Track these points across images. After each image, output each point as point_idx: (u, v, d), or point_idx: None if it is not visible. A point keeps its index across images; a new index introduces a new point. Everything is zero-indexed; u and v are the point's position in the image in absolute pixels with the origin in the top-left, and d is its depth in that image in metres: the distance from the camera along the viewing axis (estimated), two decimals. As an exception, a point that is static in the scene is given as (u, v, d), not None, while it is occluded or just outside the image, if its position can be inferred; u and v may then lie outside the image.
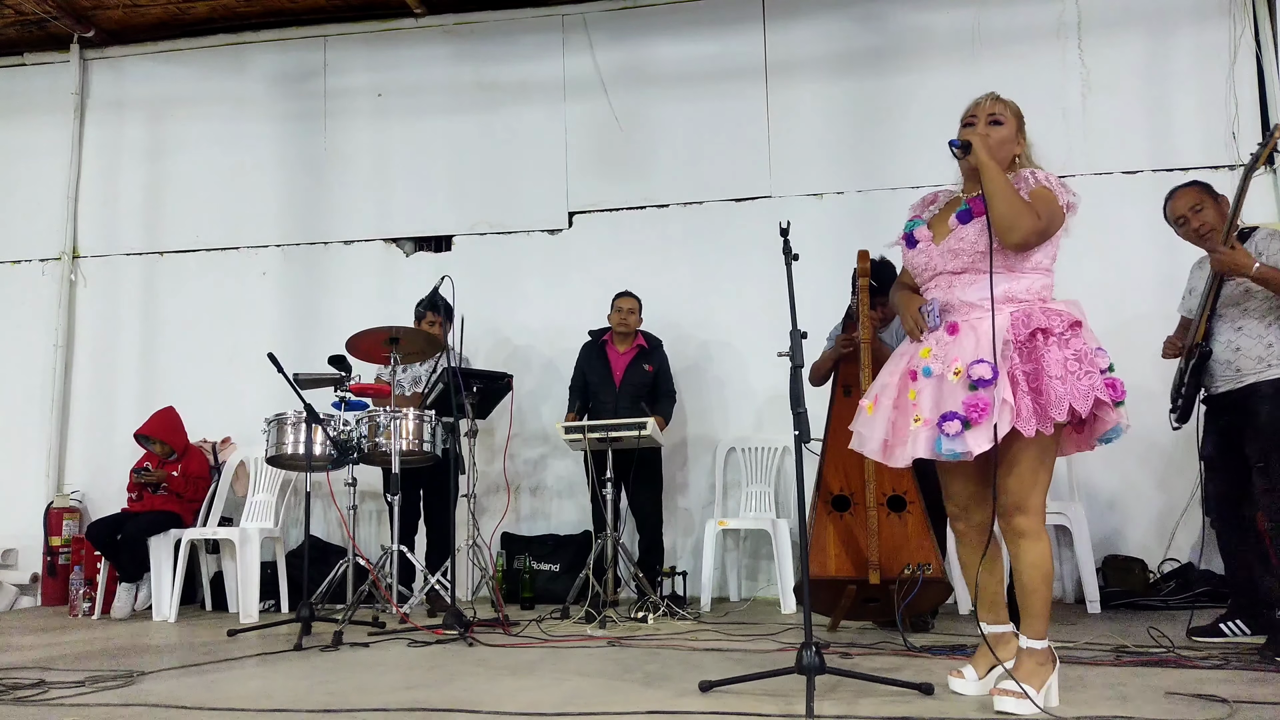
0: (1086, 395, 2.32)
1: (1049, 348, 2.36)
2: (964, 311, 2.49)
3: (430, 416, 4.67)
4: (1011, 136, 2.59)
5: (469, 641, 3.70)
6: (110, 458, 6.14)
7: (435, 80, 6.34)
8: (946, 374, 2.42)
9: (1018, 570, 2.44)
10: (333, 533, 5.89)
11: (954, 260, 2.52)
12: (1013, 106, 2.64)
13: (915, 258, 2.63)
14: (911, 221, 2.70)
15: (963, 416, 2.35)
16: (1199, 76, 5.40)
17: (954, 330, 2.48)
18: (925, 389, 2.46)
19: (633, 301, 5.22)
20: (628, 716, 2.40)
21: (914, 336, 2.61)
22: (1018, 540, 2.43)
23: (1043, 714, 2.31)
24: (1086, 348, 2.38)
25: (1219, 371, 3.42)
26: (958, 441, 2.35)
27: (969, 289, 2.49)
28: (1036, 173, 2.53)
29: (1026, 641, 2.43)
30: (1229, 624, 3.51)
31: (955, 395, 2.39)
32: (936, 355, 2.48)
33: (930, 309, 2.55)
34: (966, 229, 2.50)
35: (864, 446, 2.61)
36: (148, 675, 3.16)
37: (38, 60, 6.78)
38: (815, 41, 5.91)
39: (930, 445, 2.40)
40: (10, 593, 6.00)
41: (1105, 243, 5.23)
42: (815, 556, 3.85)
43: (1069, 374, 2.33)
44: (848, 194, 5.73)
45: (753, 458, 5.49)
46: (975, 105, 2.64)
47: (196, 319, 6.37)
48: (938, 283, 2.56)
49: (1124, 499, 5.18)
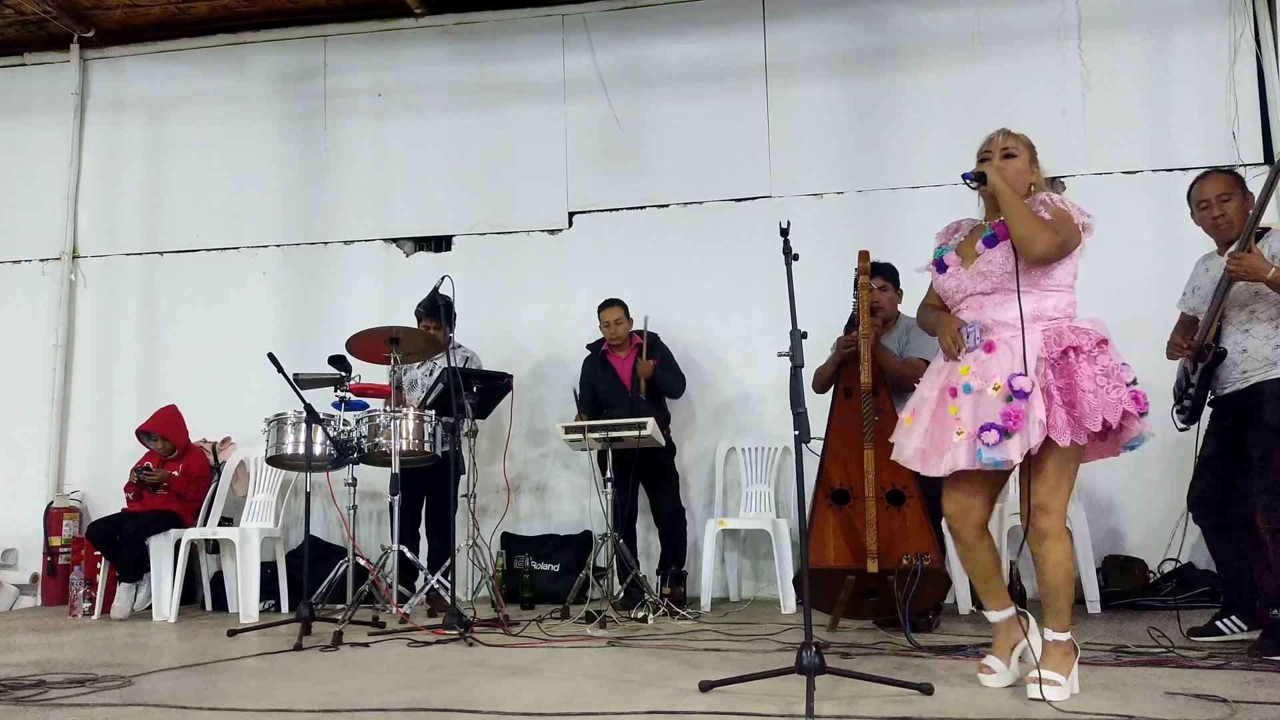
0: (1116, 408, 2.51)
1: (1080, 364, 2.54)
2: (998, 330, 2.66)
3: (430, 416, 4.67)
4: (1025, 167, 2.75)
5: (469, 641, 3.70)
6: (110, 458, 6.14)
7: (435, 80, 6.34)
8: (986, 389, 2.59)
9: (1042, 570, 2.60)
10: (333, 533, 5.89)
11: (984, 282, 2.69)
12: (1024, 139, 2.79)
13: (946, 282, 2.81)
14: (940, 249, 2.88)
15: (1001, 427, 2.51)
16: (1199, 76, 5.39)
17: (990, 349, 2.65)
18: (966, 404, 2.62)
19: (616, 311, 5.20)
20: (628, 716, 2.40)
21: (950, 355, 2.74)
22: (1041, 540, 2.59)
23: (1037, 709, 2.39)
24: (1114, 364, 2.57)
25: (1227, 374, 3.42)
26: (997, 450, 2.52)
27: (1000, 309, 2.67)
28: (1052, 196, 2.70)
29: (1052, 634, 2.59)
30: (1225, 621, 3.52)
31: (994, 408, 2.56)
32: (975, 372, 2.64)
33: (971, 330, 2.70)
34: (993, 252, 2.69)
35: (901, 455, 2.77)
36: (148, 675, 3.15)
37: (38, 60, 6.78)
38: (815, 41, 5.91)
39: (971, 456, 2.57)
40: (10, 593, 6.00)
41: (1105, 243, 5.21)
42: (815, 547, 3.89)
43: (1099, 388, 2.52)
44: (848, 194, 5.73)
45: (753, 458, 5.49)
46: (989, 141, 2.80)
47: (196, 319, 6.37)
48: (969, 304, 2.74)
49: (1124, 499, 5.18)
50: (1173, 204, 5.24)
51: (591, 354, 5.35)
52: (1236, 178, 3.54)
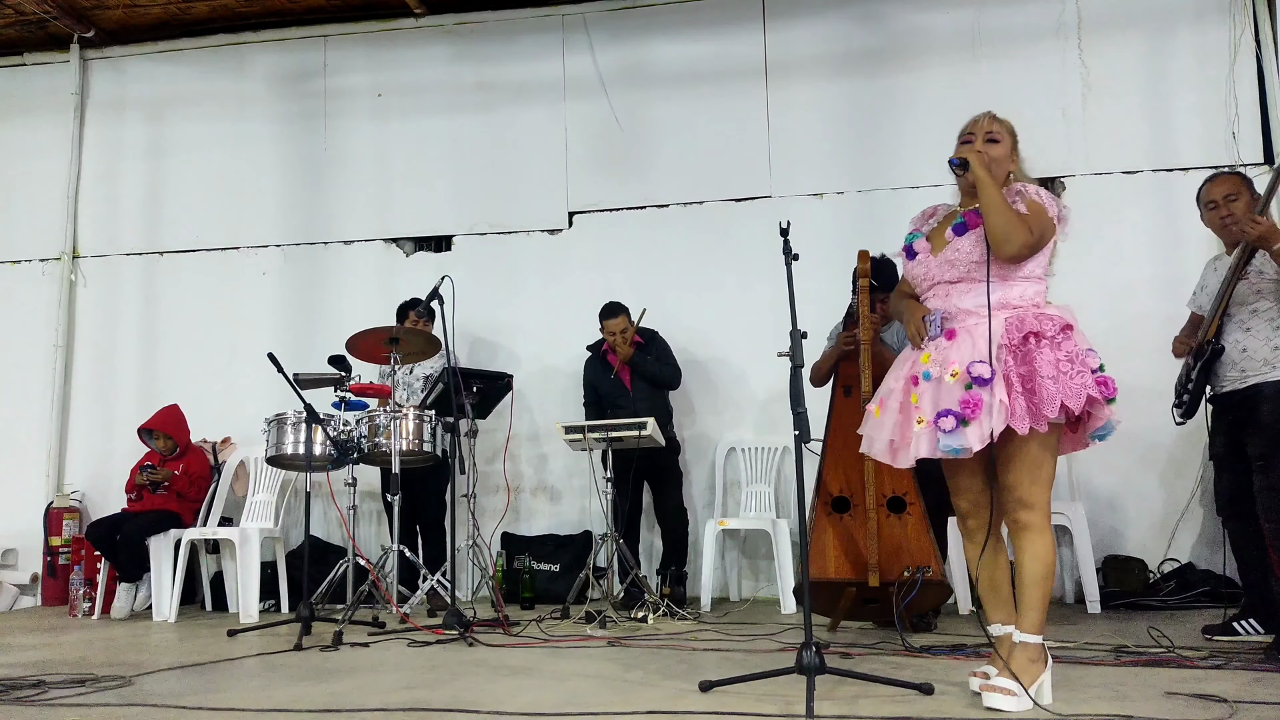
0: (1079, 393, 2.42)
1: (1041, 350, 2.46)
2: (961, 318, 2.60)
3: (430, 416, 4.68)
4: (1007, 154, 2.70)
5: (469, 641, 3.70)
6: (110, 458, 6.14)
7: (435, 80, 6.34)
8: (944, 376, 2.53)
9: (1020, 562, 2.53)
10: (333, 533, 5.89)
11: (950, 270, 2.63)
12: (1008, 125, 2.74)
13: (914, 269, 2.74)
14: (911, 235, 2.82)
15: (958, 413, 2.45)
16: (1199, 76, 5.39)
17: (951, 336, 2.59)
18: (925, 392, 2.56)
19: (620, 320, 5.15)
20: (628, 716, 2.40)
21: (915, 344, 2.70)
22: (1020, 534, 2.53)
23: (1034, 710, 2.34)
24: (1078, 349, 2.48)
25: (1225, 372, 3.43)
26: (955, 437, 2.46)
27: (965, 297, 2.60)
28: (1028, 187, 2.64)
29: (1020, 635, 2.50)
30: (1242, 623, 3.52)
31: (952, 394, 2.49)
32: (935, 360, 2.59)
33: (933, 319, 2.65)
34: (962, 241, 2.62)
35: (871, 449, 2.72)
36: (148, 675, 3.16)
37: (38, 60, 6.78)
38: (815, 41, 5.91)
39: (932, 445, 2.51)
40: (10, 593, 5.99)
41: (1105, 243, 5.23)
42: (815, 559, 3.85)
43: (1061, 374, 2.43)
44: (848, 194, 5.73)
45: (753, 458, 5.49)
46: (973, 123, 2.74)
47: (196, 319, 6.36)
48: (935, 292, 2.68)
49: (1124, 499, 5.18)
50: (1173, 204, 5.26)
51: (592, 355, 5.35)
52: (1244, 178, 3.58)
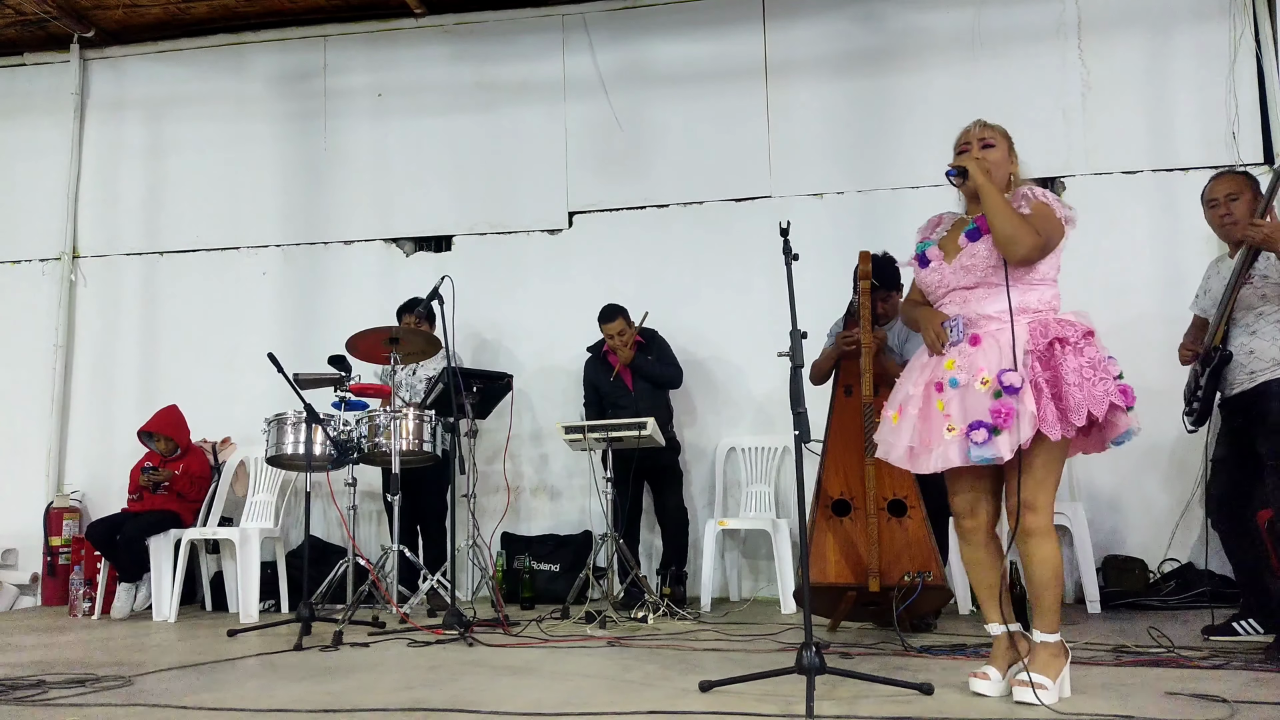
0: (1102, 401, 2.46)
1: (1066, 356, 2.50)
2: (983, 324, 2.62)
3: (430, 416, 4.67)
4: (1004, 157, 2.72)
5: (469, 641, 3.70)
6: (110, 458, 6.14)
7: (435, 80, 6.34)
8: (973, 384, 2.55)
9: (1029, 568, 2.56)
10: (333, 533, 5.89)
11: (967, 276, 2.65)
12: (1000, 129, 2.77)
13: (929, 276, 2.76)
14: (922, 243, 2.84)
15: (989, 424, 2.47)
16: (1199, 76, 5.39)
17: (976, 342, 2.61)
18: (953, 399, 2.58)
19: (618, 323, 5.14)
20: (628, 716, 2.40)
21: (934, 350, 2.70)
22: (1027, 539, 2.55)
23: (1036, 709, 2.37)
24: (1100, 356, 2.52)
25: (1234, 375, 3.42)
26: (987, 448, 2.48)
27: (984, 303, 2.62)
28: (1034, 189, 2.66)
29: (1040, 636, 2.55)
30: (1242, 623, 3.52)
31: (982, 404, 2.51)
32: (961, 366, 2.59)
33: (954, 324, 2.66)
34: (977, 246, 2.65)
35: (889, 454, 2.72)
36: (148, 675, 3.16)
37: (38, 60, 6.78)
38: (815, 41, 5.91)
39: (963, 454, 2.52)
40: (10, 593, 6.00)
41: (1106, 243, 5.23)
42: (815, 564, 3.84)
43: (1085, 380, 2.47)
44: (848, 194, 5.73)
45: (753, 458, 5.49)
46: (965, 132, 2.79)
47: (197, 319, 6.37)
48: (952, 299, 2.69)
49: (1124, 499, 5.18)
50: (1173, 204, 5.27)
51: (592, 355, 5.35)
52: (1249, 178, 3.56)
